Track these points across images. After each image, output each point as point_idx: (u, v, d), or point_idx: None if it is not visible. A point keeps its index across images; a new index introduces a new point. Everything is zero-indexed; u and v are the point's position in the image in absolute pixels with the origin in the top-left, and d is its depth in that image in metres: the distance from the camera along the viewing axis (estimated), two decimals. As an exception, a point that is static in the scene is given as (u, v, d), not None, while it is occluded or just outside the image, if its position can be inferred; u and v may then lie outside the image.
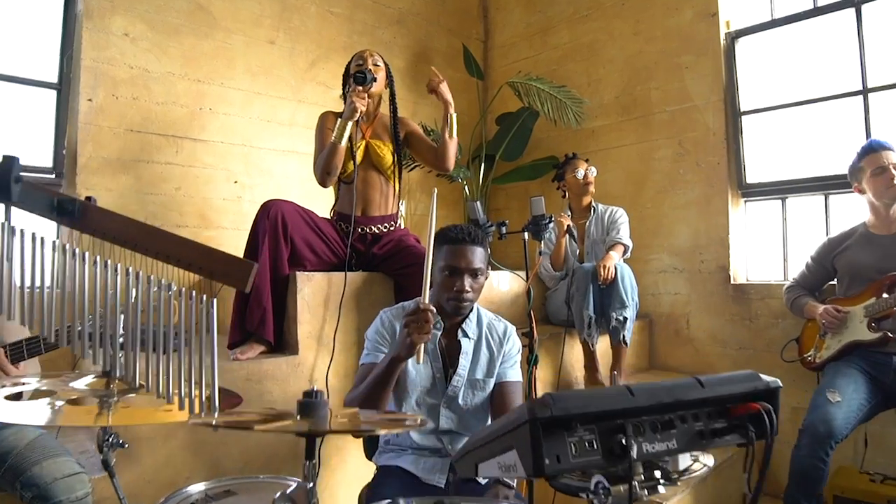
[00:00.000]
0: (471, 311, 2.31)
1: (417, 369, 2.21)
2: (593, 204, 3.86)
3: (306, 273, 2.93)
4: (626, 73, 4.39)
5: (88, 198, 1.31)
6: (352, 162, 3.06)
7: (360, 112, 2.85)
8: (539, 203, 2.96)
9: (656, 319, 4.17)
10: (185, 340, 1.20)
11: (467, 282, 2.19)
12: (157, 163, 3.64)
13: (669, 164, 4.16)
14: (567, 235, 3.66)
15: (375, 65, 3.06)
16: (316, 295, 2.94)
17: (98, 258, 1.25)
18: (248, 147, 3.97)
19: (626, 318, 3.40)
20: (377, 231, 3.14)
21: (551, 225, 2.99)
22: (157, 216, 3.61)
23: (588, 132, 4.43)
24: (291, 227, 2.89)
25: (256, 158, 4.01)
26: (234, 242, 3.80)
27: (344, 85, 3.21)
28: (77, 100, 3.40)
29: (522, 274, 3.30)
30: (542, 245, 3.30)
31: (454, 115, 3.08)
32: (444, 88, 3.03)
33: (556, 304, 3.78)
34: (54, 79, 3.37)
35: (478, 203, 2.97)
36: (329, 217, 3.23)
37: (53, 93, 3.37)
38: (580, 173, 3.79)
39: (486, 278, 2.31)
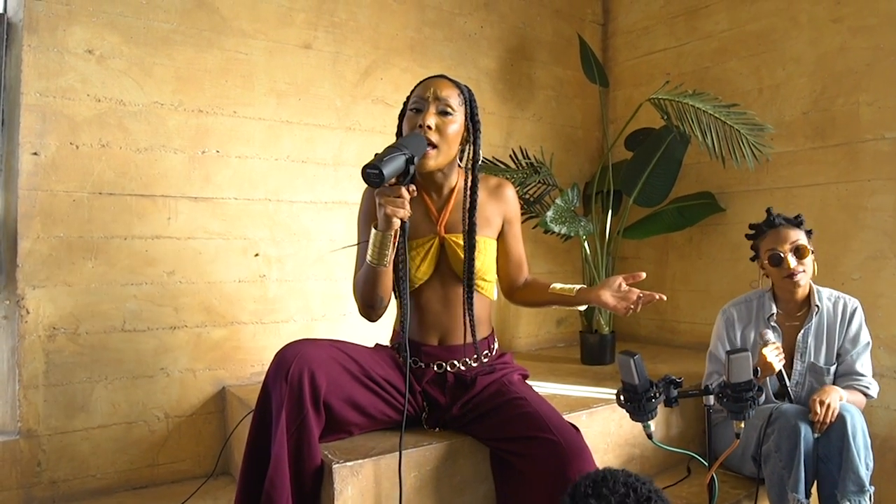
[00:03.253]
0: None
1: None
2: (816, 300, 2.37)
3: (348, 464, 1.76)
4: (820, 79, 2.98)
5: None
6: (420, 267, 1.93)
7: (404, 218, 1.66)
8: (743, 364, 1.69)
9: (866, 446, 2.82)
10: None
11: None
12: (141, 237, 2.51)
13: (891, 217, 2.78)
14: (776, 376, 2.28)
15: (444, 112, 1.81)
16: (367, 495, 1.79)
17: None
18: (273, 202, 2.80)
19: (863, 510, 2.09)
20: (462, 369, 1.97)
21: (762, 398, 1.72)
22: (142, 316, 2.50)
23: (762, 160, 3.02)
24: (327, 390, 1.75)
25: (286, 217, 2.82)
26: (256, 343, 2.71)
27: (399, 126, 1.96)
28: (15, 156, 2.31)
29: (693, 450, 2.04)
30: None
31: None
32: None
33: (728, 439, 2.45)
34: (-29, 130, 2.26)
35: (634, 360, 1.69)
36: (390, 344, 2.06)
37: (-28, 151, 2.27)
38: (780, 260, 2.30)
39: None
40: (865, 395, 2.30)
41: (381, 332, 2.22)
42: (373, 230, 1.71)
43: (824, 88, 2.96)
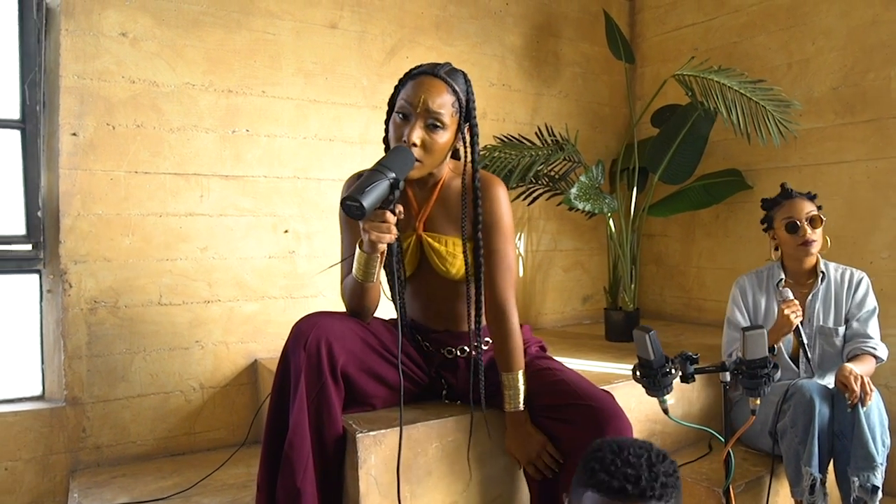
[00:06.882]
0: None
1: None
2: (822, 267, 2.46)
3: (371, 433, 1.82)
4: (851, 53, 2.93)
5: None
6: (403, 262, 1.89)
7: (390, 242, 1.63)
8: (758, 341, 1.71)
9: (897, 435, 2.77)
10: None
11: None
12: (175, 215, 2.60)
13: (922, 194, 2.74)
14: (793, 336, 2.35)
15: (433, 126, 1.69)
16: (390, 464, 1.84)
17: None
18: (302, 180, 2.87)
19: (875, 488, 2.10)
20: (473, 354, 1.94)
21: (777, 374, 1.74)
22: (177, 290, 2.60)
23: (789, 138, 2.99)
24: (345, 361, 1.77)
25: (314, 195, 2.90)
26: (286, 317, 2.80)
27: (389, 114, 1.82)
28: (56, 136, 2.41)
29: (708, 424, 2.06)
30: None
31: None
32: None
33: (747, 415, 2.48)
34: (14, 114, 2.35)
35: (650, 335, 1.72)
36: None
37: (16, 134, 2.36)
38: (796, 227, 2.38)
39: None
40: (875, 356, 2.33)
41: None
42: (357, 249, 1.68)
43: (855, 63, 2.91)
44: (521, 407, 1.82)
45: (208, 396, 2.67)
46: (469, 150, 1.81)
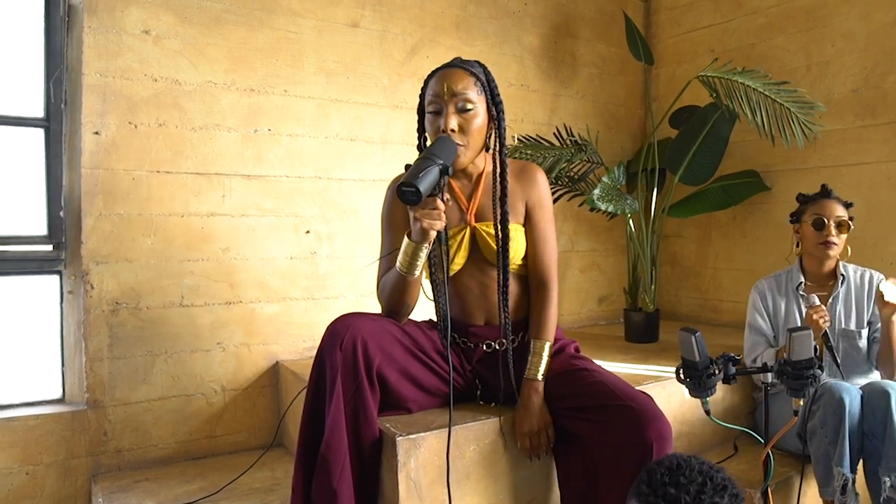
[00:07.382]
0: None
1: None
2: (841, 270, 2.48)
3: (411, 436, 1.80)
4: (872, 55, 2.94)
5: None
6: (454, 259, 1.89)
7: (440, 230, 1.67)
8: (805, 342, 1.71)
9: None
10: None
11: None
12: (197, 215, 2.57)
13: (942, 195, 2.75)
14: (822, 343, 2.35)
15: (464, 108, 1.74)
16: (429, 467, 1.82)
17: None
18: (323, 180, 2.84)
19: (905, 488, 2.10)
20: (512, 347, 1.94)
21: (823, 375, 1.74)
22: (199, 291, 2.56)
23: (811, 139, 2.98)
24: (381, 361, 1.76)
25: (336, 195, 2.87)
26: (308, 318, 2.77)
27: (420, 122, 1.88)
28: (78, 135, 2.37)
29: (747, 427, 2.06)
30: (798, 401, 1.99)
31: None
32: None
33: (775, 414, 2.48)
34: (38, 113, 2.31)
35: (696, 337, 1.73)
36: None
37: (39, 132, 2.32)
38: (822, 225, 2.38)
39: None
40: None
41: (431, 307, 2.26)
42: (406, 239, 1.69)
43: (875, 65, 2.92)
44: (540, 377, 1.86)
45: (230, 399, 2.64)
46: (496, 126, 1.85)
